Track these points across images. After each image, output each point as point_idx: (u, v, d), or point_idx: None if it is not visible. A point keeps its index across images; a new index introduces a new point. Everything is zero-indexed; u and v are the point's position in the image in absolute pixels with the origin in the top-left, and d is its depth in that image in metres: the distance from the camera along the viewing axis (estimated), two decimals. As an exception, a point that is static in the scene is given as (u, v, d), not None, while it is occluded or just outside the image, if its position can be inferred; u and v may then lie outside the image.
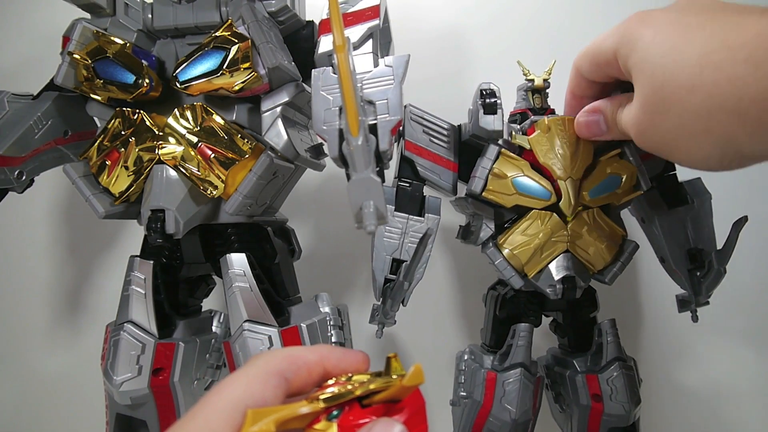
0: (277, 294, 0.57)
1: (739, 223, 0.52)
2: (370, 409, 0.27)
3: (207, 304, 0.65)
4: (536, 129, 0.51)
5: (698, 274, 0.54)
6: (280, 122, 0.51)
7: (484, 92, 0.51)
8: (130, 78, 0.50)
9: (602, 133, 0.47)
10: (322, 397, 0.27)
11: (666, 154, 0.40)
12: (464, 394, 0.57)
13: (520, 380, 0.52)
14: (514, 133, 0.53)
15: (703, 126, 0.35)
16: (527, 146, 0.51)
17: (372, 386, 0.27)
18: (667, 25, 0.37)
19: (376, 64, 0.46)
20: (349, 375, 0.31)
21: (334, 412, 0.27)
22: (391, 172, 0.54)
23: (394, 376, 0.28)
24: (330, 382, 0.30)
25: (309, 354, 0.30)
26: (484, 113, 0.50)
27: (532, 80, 0.54)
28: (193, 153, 0.50)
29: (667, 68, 0.36)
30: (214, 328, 0.62)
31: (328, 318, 0.55)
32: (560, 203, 0.51)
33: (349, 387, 0.28)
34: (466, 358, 0.59)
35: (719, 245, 0.54)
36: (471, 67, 0.79)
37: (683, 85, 0.35)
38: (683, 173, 0.56)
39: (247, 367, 0.28)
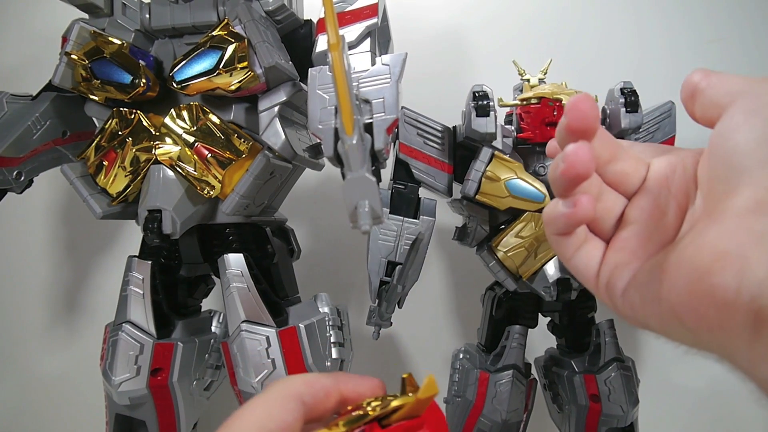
0: (276, 294, 0.57)
1: None
2: (389, 429, 0.27)
3: (207, 304, 0.65)
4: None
5: None
6: (277, 122, 0.51)
7: (477, 94, 0.50)
8: (127, 78, 0.50)
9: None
10: (341, 421, 0.27)
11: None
12: (457, 391, 0.57)
13: (512, 381, 0.53)
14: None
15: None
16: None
17: (390, 405, 0.27)
18: None
19: (373, 63, 0.45)
20: (368, 401, 0.31)
21: None
22: (387, 175, 0.54)
23: (410, 394, 0.28)
24: (348, 408, 0.30)
25: (325, 378, 0.31)
26: (477, 115, 0.50)
27: (528, 80, 0.54)
28: (189, 153, 0.50)
29: None
30: (213, 328, 0.62)
31: (327, 318, 0.55)
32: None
33: (369, 409, 0.28)
34: (461, 357, 0.59)
35: None
36: (470, 67, 0.79)
37: None
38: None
39: (264, 392, 0.28)
